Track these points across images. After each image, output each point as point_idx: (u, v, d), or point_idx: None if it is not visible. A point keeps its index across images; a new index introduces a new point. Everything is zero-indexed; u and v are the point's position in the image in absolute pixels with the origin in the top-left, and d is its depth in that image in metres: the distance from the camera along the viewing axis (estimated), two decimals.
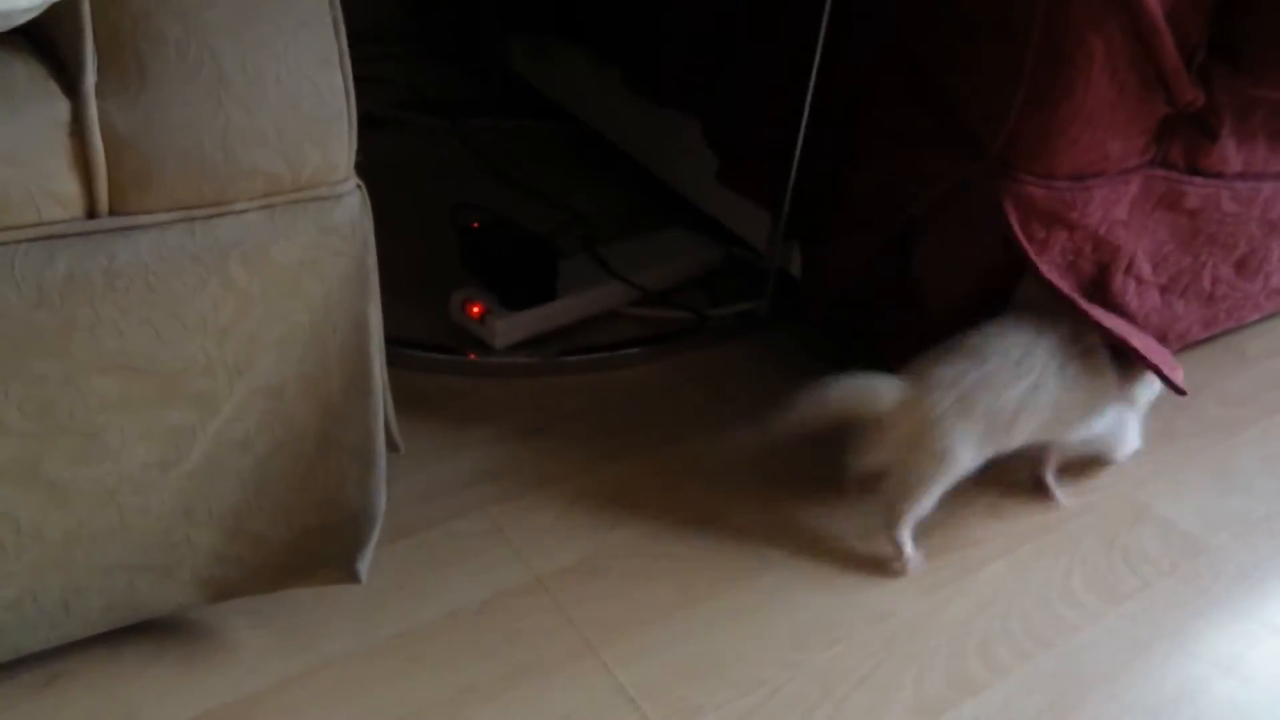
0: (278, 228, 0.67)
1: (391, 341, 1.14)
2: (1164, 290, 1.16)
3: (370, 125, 1.61)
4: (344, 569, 0.75)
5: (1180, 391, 0.96)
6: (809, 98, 1.09)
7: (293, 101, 0.65)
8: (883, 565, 0.92)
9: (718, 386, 1.13)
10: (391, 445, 0.87)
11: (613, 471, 0.99)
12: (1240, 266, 1.23)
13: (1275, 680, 0.86)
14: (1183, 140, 1.01)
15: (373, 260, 0.74)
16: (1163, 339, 1.20)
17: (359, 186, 0.72)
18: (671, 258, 1.27)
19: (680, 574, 0.89)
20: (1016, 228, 0.94)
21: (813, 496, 0.99)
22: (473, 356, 1.12)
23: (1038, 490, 1.04)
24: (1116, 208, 1.00)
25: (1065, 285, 0.96)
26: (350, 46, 0.70)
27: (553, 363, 1.13)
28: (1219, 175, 1.07)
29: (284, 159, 0.66)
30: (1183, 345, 1.26)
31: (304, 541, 0.74)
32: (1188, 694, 0.84)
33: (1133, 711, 0.82)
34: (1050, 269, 0.97)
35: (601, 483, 0.98)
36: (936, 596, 0.90)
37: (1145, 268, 1.11)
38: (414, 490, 0.94)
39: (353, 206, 0.72)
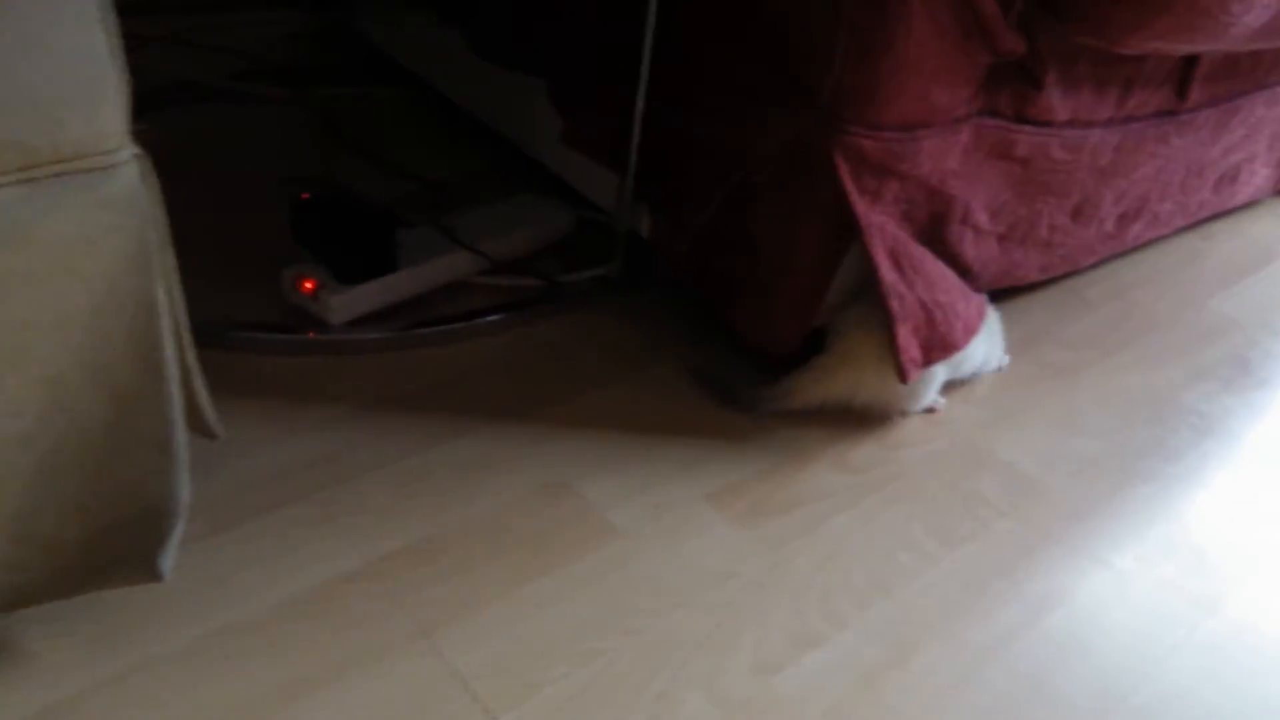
0: (39, 203, 0.62)
1: (224, 324, 1.10)
2: (1002, 239, 1.18)
3: (208, 97, 1.53)
4: (144, 568, 0.70)
5: (902, 379, 0.99)
6: (647, 54, 1.07)
7: (45, 64, 0.60)
8: (735, 521, 0.92)
9: (568, 354, 1.10)
10: (207, 433, 0.82)
11: (456, 448, 0.96)
12: (1075, 214, 1.26)
13: (1101, 609, 0.89)
14: (1010, 89, 1.02)
15: (160, 236, 0.68)
16: (999, 283, 1.23)
17: (138, 156, 0.67)
18: (522, 224, 1.24)
19: (523, 549, 0.87)
20: (847, 180, 0.94)
21: (665, 460, 0.98)
22: (312, 335, 1.08)
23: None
24: (947, 158, 1.01)
25: (880, 243, 0.96)
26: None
27: (396, 337, 1.09)
28: (1047, 124, 1.09)
29: (39, 128, 0.60)
30: (1014, 285, 1.29)
31: (100, 541, 0.69)
32: (1018, 628, 0.86)
33: (967, 649, 0.83)
34: (879, 221, 0.97)
35: (444, 460, 0.95)
36: (781, 553, 0.90)
37: (982, 217, 1.12)
38: (242, 479, 0.90)
39: (130, 178, 0.66)
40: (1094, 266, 1.42)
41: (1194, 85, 1.27)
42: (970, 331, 1.05)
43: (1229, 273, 1.50)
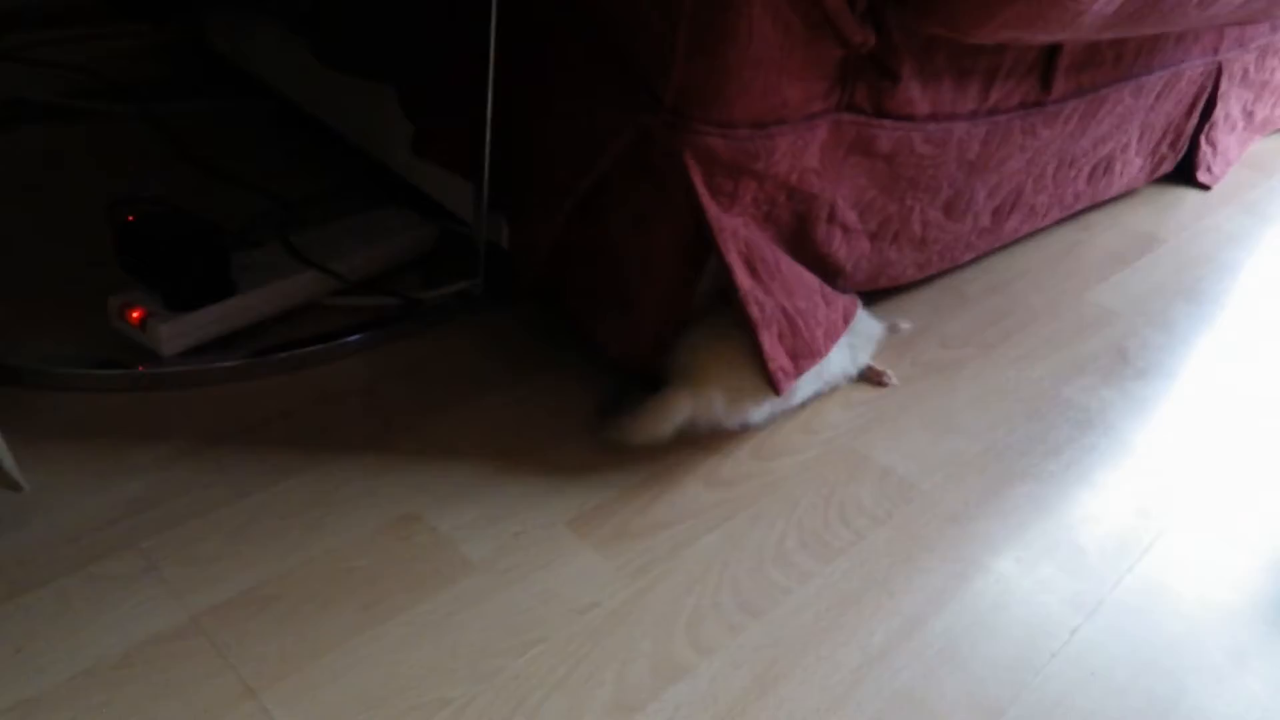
0: None
1: (45, 361, 1.01)
2: (874, 237, 1.15)
3: (43, 116, 1.43)
4: None
5: (775, 390, 0.95)
6: (492, 54, 1.01)
7: None
8: (599, 546, 0.87)
9: (425, 377, 1.04)
10: (9, 484, 0.74)
11: (299, 484, 0.89)
12: (948, 209, 1.24)
13: (979, 618, 0.86)
14: (866, 83, 0.99)
15: None
16: (875, 282, 1.21)
17: None
18: (379, 240, 1.17)
19: (366, 591, 0.80)
20: (698, 181, 0.89)
21: (526, 485, 0.93)
22: (141, 369, 0.99)
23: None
24: (805, 155, 0.97)
25: (734, 247, 0.93)
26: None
27: (235, 367, 1.01)
28: (909, 118, 1.06)
29: None
30: (891, 285, 1.27)
31: None
32: (894, 644, 0.82)
33: (840, 670, 0.79)
34: (732, 225, 0.93)
35: (283, 499, 0.88)
36: (646, 578, 0.85)
37: (850, 215, 1.10)
38: (51, 532, 0.81)
39: None
40: (973, 262, 1.41)
41: (1058, 76, 1.26)
42: (832, 337, 1.02)
43: (1107, 264, 1.50)
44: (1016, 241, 1.49)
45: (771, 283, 0.96)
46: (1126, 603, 0.90)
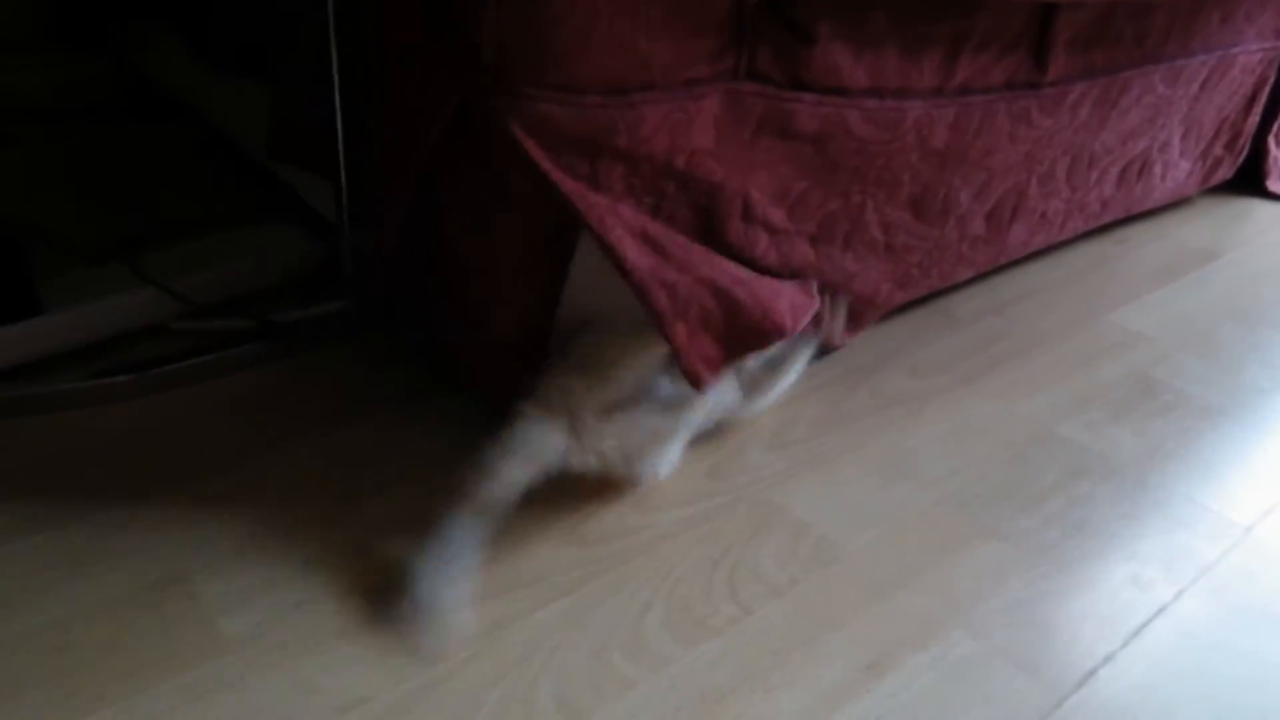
0: None
1: None
2: (815, 240, 0.95)
3: None
4: None
5: (696, 385, 0.76)
6: (333, 35, 0.86)
7: None
8: (391, 625, 0.68)
9: (252, 412, 0.88)
10: None
11: (57, 537, 0.73)
12: (917, 209, 1.03)
13: None
14: (771, 45, 0.80)
15: None
16: (856, 299, 1.00)
17: None
18: (242, 258, 1.03)
19: (78, 674, 0.63)
20: (539, 157, 0.71)
21: (323, 543, 0.75)
22: None
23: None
24: (692, 132, 0.78)
25: (616, 223, 0.74)
26: None
27: (20, 399, 0.86)
28: (837, 90, 0.86)
29: None
30: (880, 313, 1.06)
31: None
32: None
33: None
34: (605, 202, 0.74)
35: (30, 554, 0.72)
36: (445, 665, 0.66)
37: (775, 213, 0.90)
38: None
39: None
40: (975, 281, 1.19)
41: (1055, 52, 1.05)
42: (799, 311, 0.82)
43: (1141, 282, 1.26)
44: (1031, 257, 1.26)
45: (688, 256, 0.77)
46: (1103, 712, 0.66)
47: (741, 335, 0.81)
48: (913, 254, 1.06)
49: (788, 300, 0.85)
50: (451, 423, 0.87)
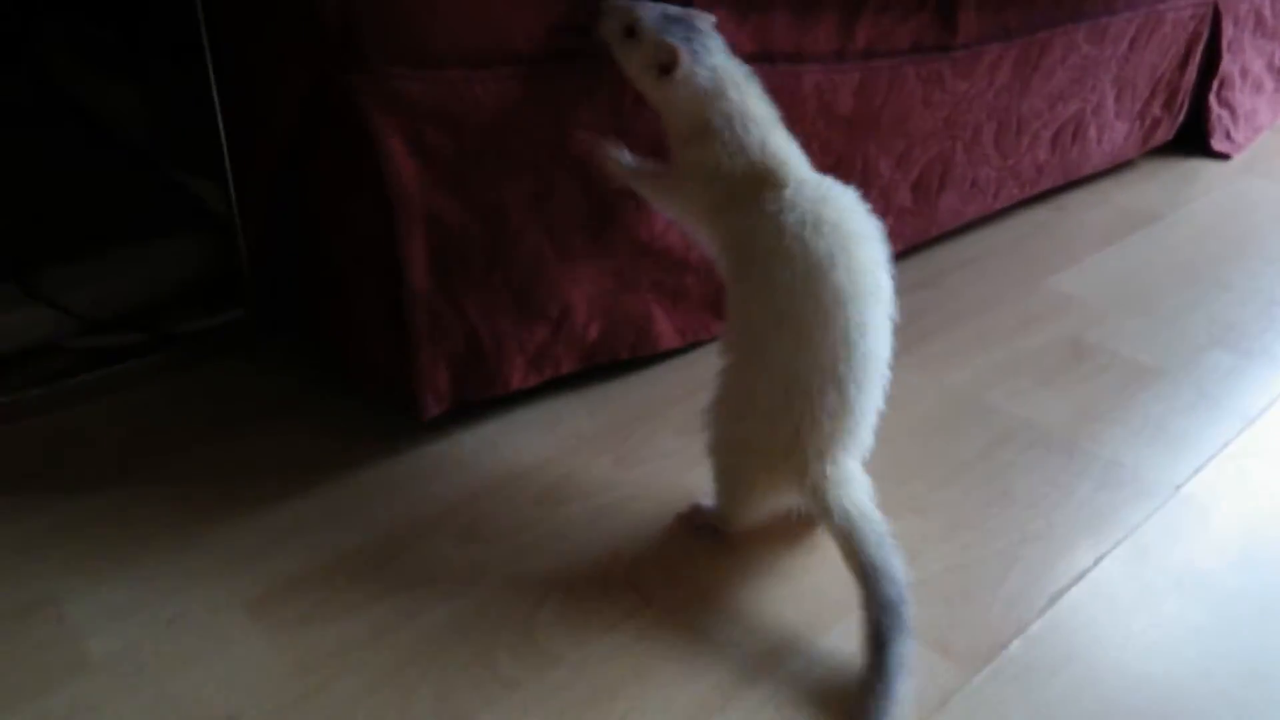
0: None
1: None
2: None
3: None
4: None
5: (418, 415, 0.77)
6: (203, 28, 0.82)
7: None
8: (275, 633, 0.64)
9: (138, 425, 0.84)
10: None
11: None
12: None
13: None
14: None
15: None
16: None
17: None
18: (142, 269, 0.99)
19: None
20: (390, 137, 0.68)
21: (206, 555, 0.71)
22: None
23: None
24: (565, 104, 0.75)
25: (421, 233, 0.71)
26: None
27: None
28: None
29: None
30: None
31: None
32: None
33: None
34: (432, 204, 0.70)
35: None
36: (318, 675, 0.62)
37: None
38: None
39: None
40: (910, 253, 1.16)
41: (964, 12, 1.02)
42: (532, 379, 0.83)
43: (1080, 246, 1.22)
44: (967, 227, 1.23)
45: (467, 292, 0.74)
46: (1013, 686, 0.62)
47: (470, 383, 0.79)
48: None
49: (525, 359, 0.82)
50: (337, 426, 0.83)
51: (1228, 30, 1.45)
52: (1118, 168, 1.43)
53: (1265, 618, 0.68)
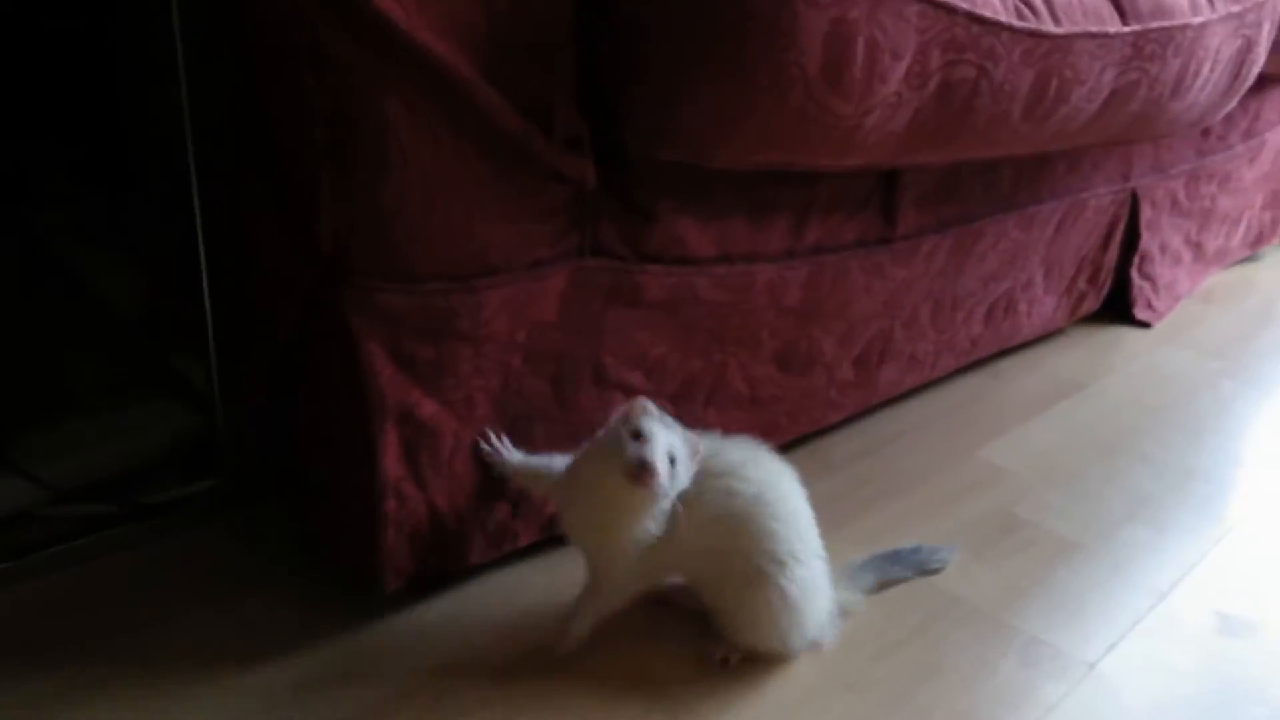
0: None
1: None
2: (675, 398, 0.99)
3: None
4: None
5: (381, 587, 0.83)
6: (198, 214, 0.90)
7: None
8: None
9: (113, 598, 0.88)
10: None
11: None
12: (783, 363, 1.08)
13: None
14: (614, 222, 0.86)
15: None
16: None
17: None
18: (118, 438, 1.04)
19: None
20: (372, 348, 0.75)
21: None
22: None
23: None
24: (535, 309, 0.83)
25: (394, 428, 0.78)
26: None
27: None
28: (684, 261, 0.92)
29: None
30: None
31: None
32: None
33: None
34: (407, 401, 0.77)
35: None
36: None
37: (632, 376, 0.94)
38: None
39: None
40: (846, 422, 1.24)
41: (903, 209, 1.12)
42: (504, 544, 0.89)
43: (1010, 416, 1.31)
44: (906, 396, 1.31)
45: (434, 474, 0.80)
46: None
47: (431, 560, 0.85)
48: (780, 404, 1.11)
49: (485, 537, 0.88)
50: (307, 599, 0.87)
51: (1146, 212, 1.58)
52: (1048, 336, 1.54)
53: None
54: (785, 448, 1.14)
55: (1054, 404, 1.35)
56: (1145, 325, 1.64)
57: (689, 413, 1.00)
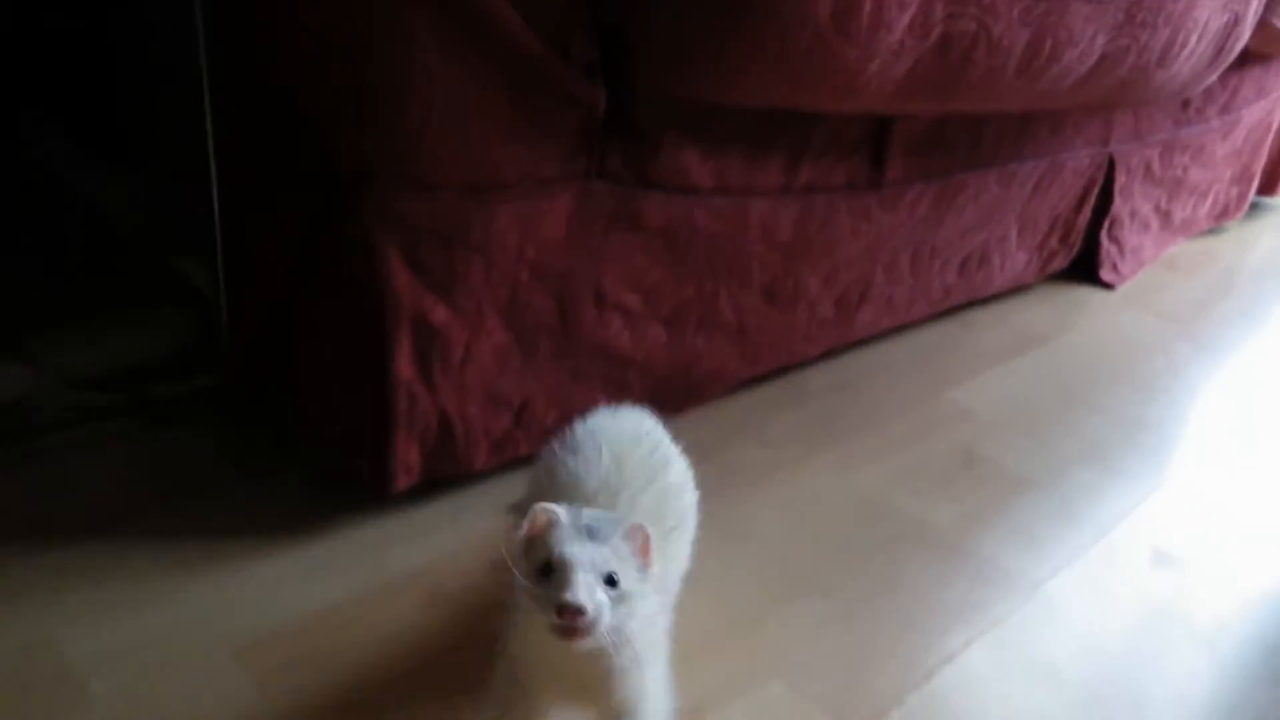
0: None
1: None
2: (669, 324, 1.04)
3: None
4: None
5: (385, 489, 0.86)
6: (209, 120, 0.92)
7: None
8: (259, 682, 0.73)
9: (117, 484, 0.92)
10: None
11: None
12: (769, 296, 1.13)
13: None
14: (621, 149, 0.90)
15: None
16: (681, 379, 1.09)
17: None
18: (124, 332, 1.07)
19: None
20: (391, 254, 0.79)
21: (187, 606, 0.80)
22: None
23: None
24: (544, 226, 0.87)
25: (408, 329, 0.82)
26: None
27: None
28: (684, 189, 0.96)
29: None
30: (721, 387, 1.15)
31: None
32: None
33: None
34: (422, 305, 0.82)
35: None
36: None
37: (630, 298, 0.99)
38: None
39: None
40: (822, 358, 1.30)
41: (892, 157, 1.17)
42: (505, 453, 0.94)
43: (977, 363, 1.38)
44: (880, 337, 1.38)
45: (444, 379, 0.85)
46: None
47: (438, 464, 0.90)
48: (764, 335, 1.16)
49: (490, 443, 0.94)
50: (308, 493, 0.93)
51: (1120, 178, 1.65)
52: (1016, 291, 1.60)
53: (1101, 702, 0.81)
54: (763, 378, 1.21)
55: (1018, 354, 1.42)
56: (1109, 287, 1.71)
57: (679, 339, 1.06)
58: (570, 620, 0.53)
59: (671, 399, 1.05)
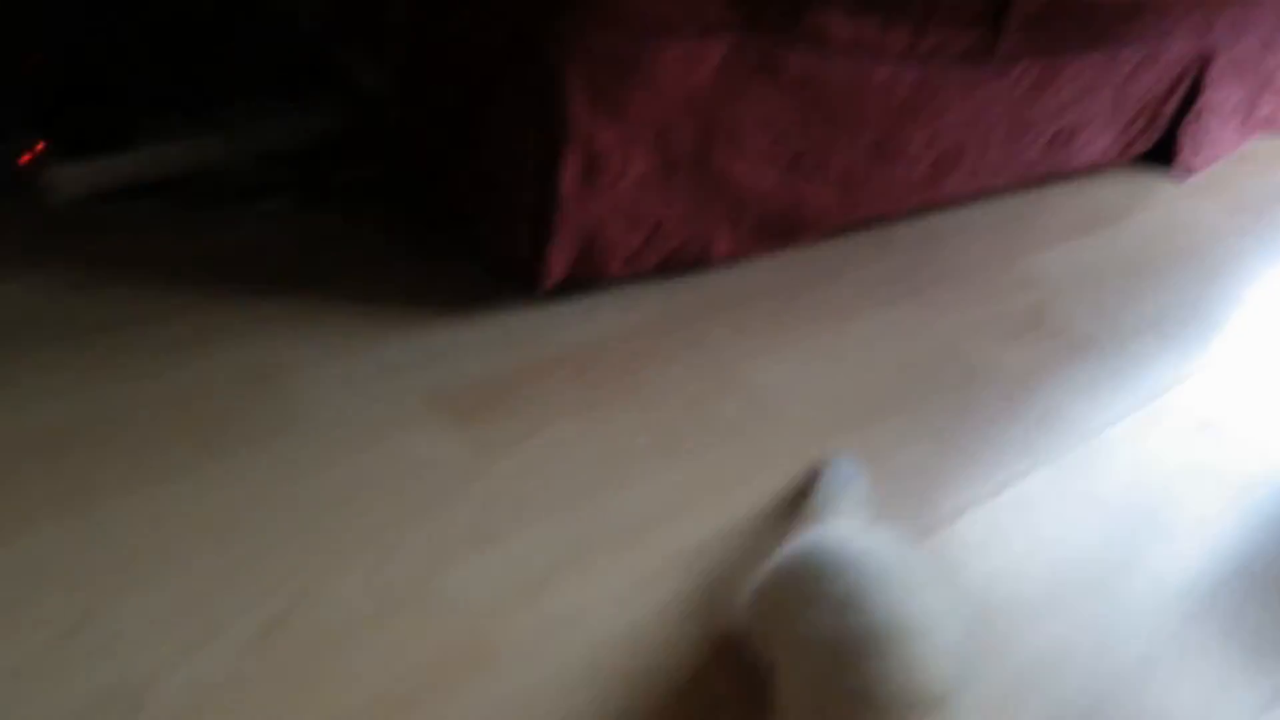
0: None
1: None
2: (786, 170, 1.14)
3: None
4: None
5: (533, 285, 1.00)
6: None
7: None
8: (452, 421, 0.88)
9: (318, 247, 1.06)
10: None
11: (137, 334, 0.92)
12: (876, 152, 1.22)
13: None
14: (776, 2, 0.98)
15: None
16: (788, 219, 1.20)
17: None
18: (297, 118, 1.18)
19: (194, 435, 0.82)
20: (572, 78, 0.89)
21: (399, 354, 0.94)
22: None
23: None
24: (697, 72, 0.96)
25: (580, 150, 0.92)
26: None
27: (119, 213, 1.03)
28: (824, 43, 1.04)
29: None
30: (820, 231, 1.26)
31: None
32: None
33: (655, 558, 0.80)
34: (596, 132, 0.92)
35: (152, 336, 0.92)
36: (489, 457, 0.86)
37: (759, 140, 1.08)
38: None
39: None
40: (913, 215, 1.39)
41: (1008, 31, 1.23)
42: (634, 265, 1.04)
43: (1052, 234, 1.47)
44: (960, 202, 1.47)
45: (600, 195, 0.96)
46: (958, 546, 0.89)
47: (581, 267, 1.02)
48: (865, 187, 1.26)
49: (627, 256, 1.05)
50: (467, 279, 1.06)
51: (1212, 71, 1.69)
52: (1094, 171, 1.68)
53: (1136, 530, 0.95)
54: (857, 226, 1.32)
55: (1091, 231, 1.51)
56: (1185, 175, 1.78)
57: (791, 183, 1.16)
58: None
59: (777, 236, 1.16)
